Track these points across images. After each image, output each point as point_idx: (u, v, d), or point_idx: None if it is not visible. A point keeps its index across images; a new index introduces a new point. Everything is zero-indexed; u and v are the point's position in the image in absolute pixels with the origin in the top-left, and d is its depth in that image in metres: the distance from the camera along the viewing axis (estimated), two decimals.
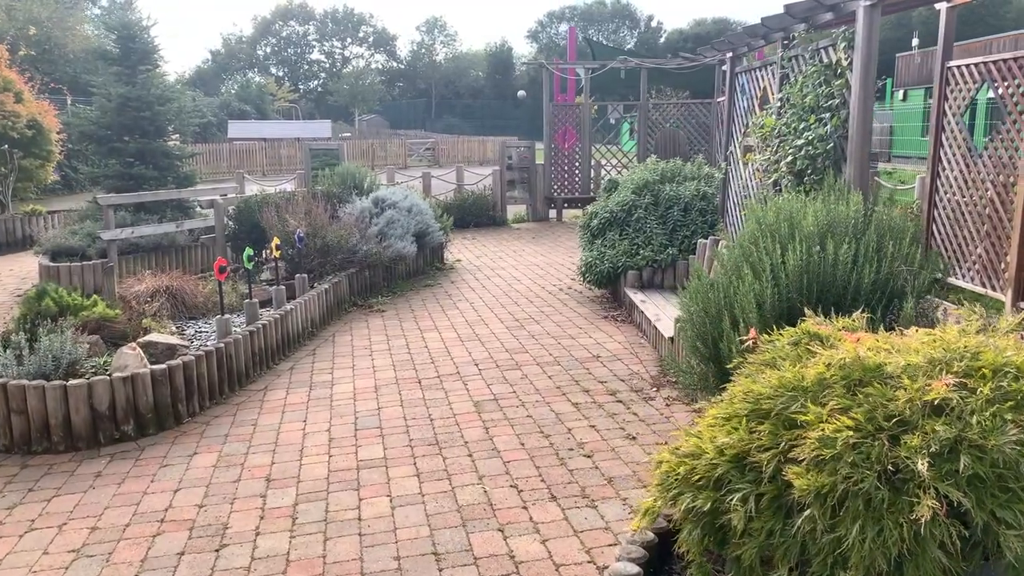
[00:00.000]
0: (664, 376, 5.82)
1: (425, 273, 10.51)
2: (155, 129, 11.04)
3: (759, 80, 7.02)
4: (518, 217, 16.10)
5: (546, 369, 6.13)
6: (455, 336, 7.25)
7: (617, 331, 7.21)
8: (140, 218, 10.55)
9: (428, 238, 10.42)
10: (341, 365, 6.46)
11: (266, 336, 6.42)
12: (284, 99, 60.83)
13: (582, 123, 15.77)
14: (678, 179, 8.66)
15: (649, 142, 15.80)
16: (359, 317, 8.16)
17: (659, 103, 15.97)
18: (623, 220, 8.23)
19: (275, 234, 8.47)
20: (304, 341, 7.21)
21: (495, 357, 6.51)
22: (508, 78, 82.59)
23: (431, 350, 6.81)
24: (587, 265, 8.15)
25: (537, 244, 12.92)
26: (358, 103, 65.10)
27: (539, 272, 10.37)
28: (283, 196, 9.41)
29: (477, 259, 11.67)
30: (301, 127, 43.23)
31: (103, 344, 6.00)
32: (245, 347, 6.06)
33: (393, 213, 9.84)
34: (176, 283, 7.43)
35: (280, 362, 6.61)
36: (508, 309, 8.27)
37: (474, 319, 7.89)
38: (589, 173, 16.00)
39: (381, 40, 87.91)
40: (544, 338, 7.05)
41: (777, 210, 4.37)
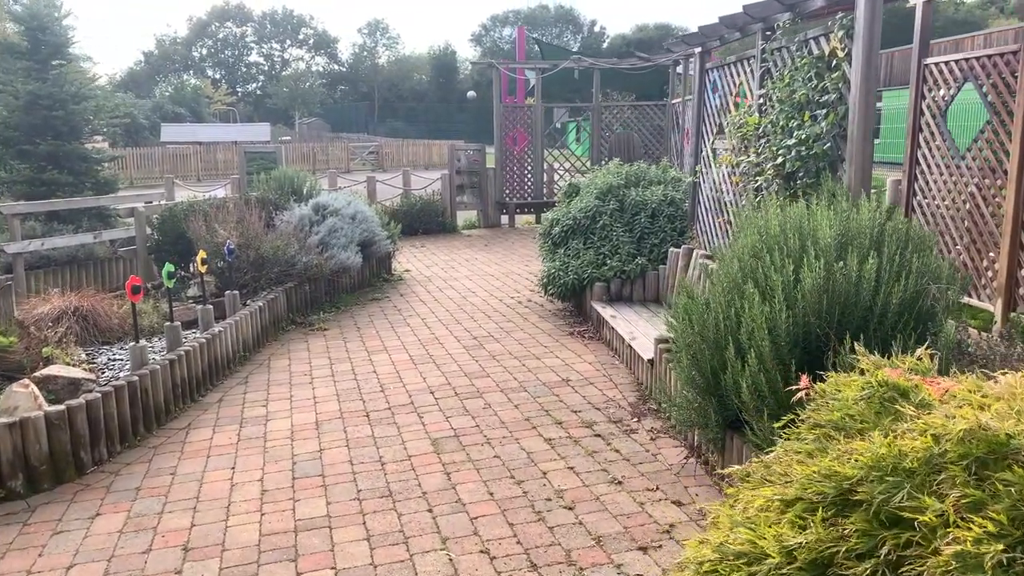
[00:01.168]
0: (644, 403, 5.22)
1: (372, 285, 9.76)
2: (69, 130, 10.03)
3: (734, 76, 6.51)
4: (469, 223, 15.42)
5: (511, 396, 5.47)
6: (407, 358, 6.54)
7: (585, 349, 6.60)
8: (53, 228, 9.54)
9: (374, 247, 9.66)
10: (277, 396, 5.69)
11: (190, 364, 5.61)
12: (221, 102, 58.95)
13: (534, 125, 15.19)
14: (643, 183, 8.12)
15: (602, 145, 15.32)
16: (298, 337, 7.37)
17: (612, 105, 15.50)
18: (587, 228, 7.63)
19: (202, 246, 7.63)
20: (235, 367, 6.40)
21: (453, 383, 5.83)
22: (452, 81, 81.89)
23: (380, 376, 6.09)
24: (549, 277, 7.53)
25: (490, 252, 12.26)
26: (298, 106, 63.57)
27: (495, 283, 9.71)
28: (213, 203, 8.55)
29: (427, 269, 10.95)
30: (239, 130, 41.73)
31: None
32: (164, 379, 5.25)
33: (335, 221, 9.06)
34: (87, 303, 6.54)
35: (207, 393, 5.80)
36: (464, 325, 7.59)
37: (427, 338, 7.19)
38: (542, 177, 15.42)
39: (322, 42, 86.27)
40: (506, 359, 6.39)
41: (783, 219, 3.80)
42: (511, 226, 15.24)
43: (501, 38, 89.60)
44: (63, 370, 5.01)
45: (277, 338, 7.36)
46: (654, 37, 68.48)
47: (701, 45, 7.18)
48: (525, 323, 7.60)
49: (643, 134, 15.14)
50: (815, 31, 5.02)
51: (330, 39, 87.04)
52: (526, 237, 13.73)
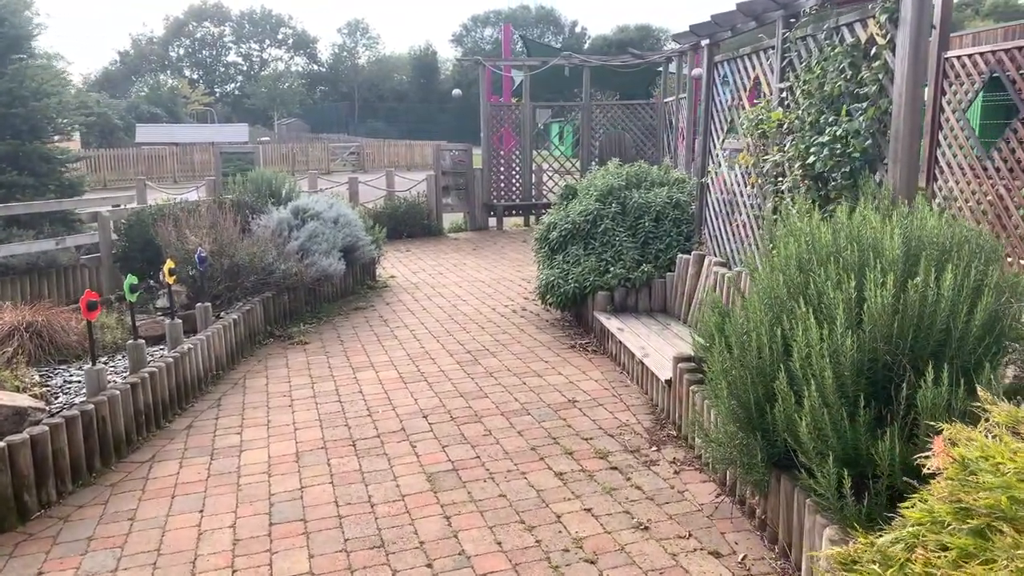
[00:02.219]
0: (661, 428, 4.72)
1: (355, 293, 9.19)
2: (30, 128, 9.37)
3: (747, 68, 6.03)
4: (455, 226, 14.88)
5: (514, 421, 4.94)
6: (396, 376, 6.00)
7: (590, 365, 6.09)
8: (12, 234, 8.88)
9: (358, 253, 9.10)
10: (253, 421, 5.13)
11: (155, 387, 5.04)
12: (199, 102, 57.90)
13: (522, 125, 14.67)
14: (645, 185, 7.63)
15: (592, 145, 14.84)
16: (277, 352, 6.80)
17: (602, 104, 15.02)
18: (587, 232, 7.13)
19: (172, 253, 7.04)
20: (207, 387, 5.83)
21: (448, 405, 5.29)
22: (433, 81, 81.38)
23: (367, 397, 5.54)
24: (548, 285, 7.01)
25: (479, 257, 11.73)
26: (277, 106, 62.68)
27: (486, 290, 9.19)
28: (184, 207, 7.95)
29: (414, 275, 10.40)
30: (216, 131, 40.83)
31: None
32: (125, 405, 4.67)
33: (316, 225, 8.49)
34: (42, 317, 5.94)
35: (175, 419, 5.22)
36: (457, 338, 7.06)
37: (417, 352, 6.65)
38: (530, 178, 14.91)
39: (301, 42, 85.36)
40: (505, 376, 5.87)
41: (835, 227, 3.31)
42: (499, 229, 14.71)
43: (482, 38, 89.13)
44: (7, 397, 4.42)
45: (254, 353, 6.79)
46: (635, 38, 68.25)
47: (710, 36, 6.69)
48: (522, 335, 7.08)
49: (634, 134, 14.67)
50: (849, 16, 4.55)
51: (309, 39, 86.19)
52: (515, 241, 13.21)
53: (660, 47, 14.05)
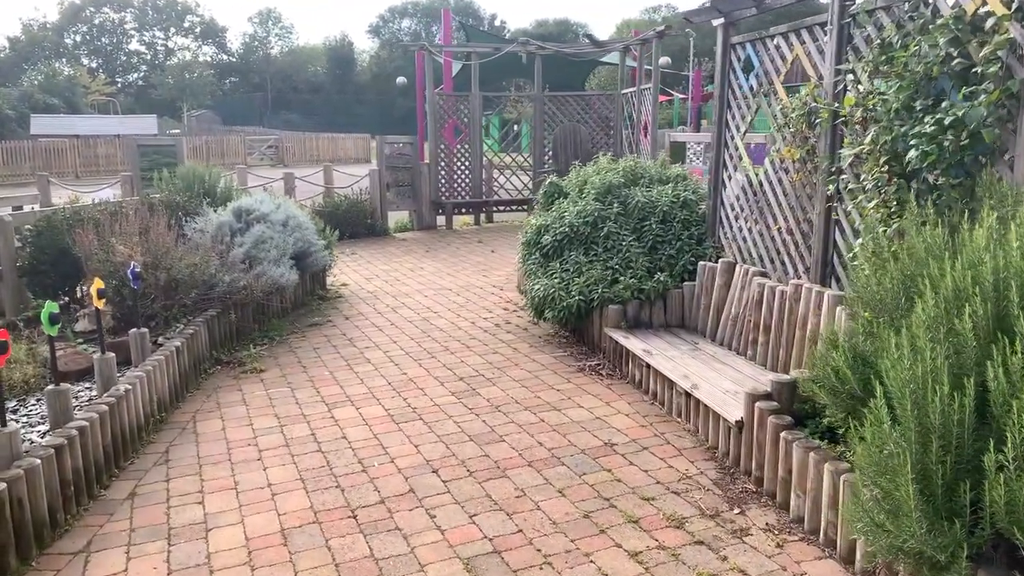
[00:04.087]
0: (733, 481, 3.91)
1: (306, 305, 8.09)
2: None
3: (783, 49, 5.29)
4: (400, 225, 13.80)
5: (548, 475, 4.04)
6: (382, 414, 5.00)
7: (610, 393, 5.24)
8: None
9: (310, 259, 7.99)
10: (216, 484, 4.06)
11: (85, 448, 3.90)
12: (100, 92, 54.29)
13: (471, 117, 13.71)
14: (643, 182, 6.84)
15: (545, 138, 14.02)
16: (228, 384, 5.69)
17: (557, 95, 14.20)
18: (588, 236, 6.28)
19: (95, 267, 5.83)
20: (149, 435, 4.70)
21: (459, 454, 4.34)
22: (350, 73, 79.29)
23: (354, 444, 4.53)
24: (546, 298, 6.11)
25: (435, 260, 10.73)
26: (187, 97, 59.45)
27: (456, 299, 8.23)
28: (105, 209, 6.67)
29: (368, 282, 9.34)
30: (121, 123, 38.11)
31: None
32: (48, 477, 3.54)
33: (263, 229, 7.35)
34: None
35: (111, 483, 4.10)
36: (441, 360, 6.10)
37: (399, 380, 5.66)
38: (480, 174, 13.97)
39: (209, 31, 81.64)
40: (515, 411, 4.96)
41: None
42: (448, 228, 13.72)
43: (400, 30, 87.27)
44: None
45: (200, 386, 5.65)
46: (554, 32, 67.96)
47: (726, 15, 5.93)
48: (516, 354, 6.18)
49: (590, 127, 13.93)
50: None
51: (218, 28, 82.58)
52: (470, 241, 12.27)
53: (577, 42, 13.51)
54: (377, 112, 68.89)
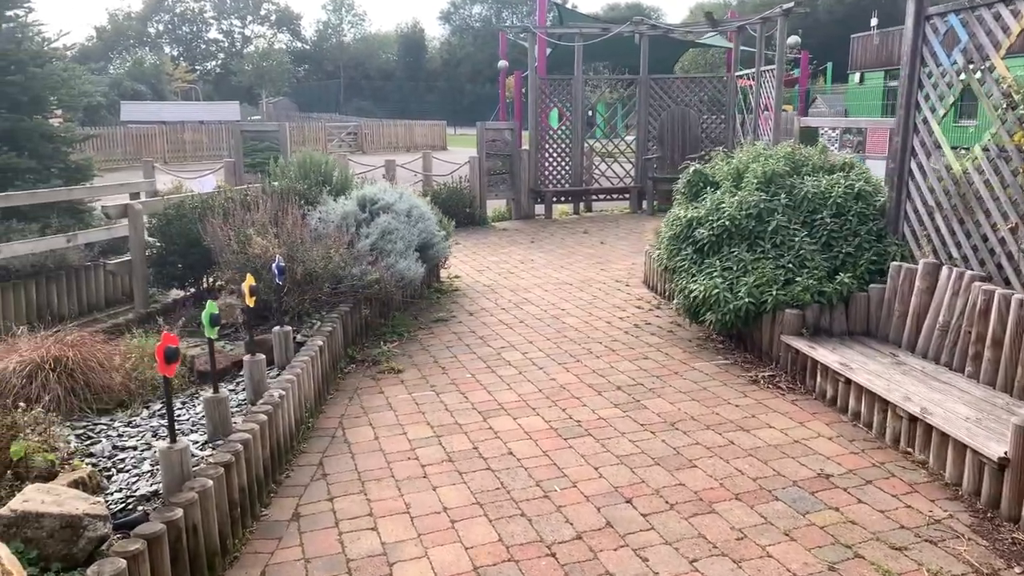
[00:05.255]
0: (995, 528, 3.31)
1: (425, 299, 7.71)
2: (30, 100, 7.75)
3: (997, 19, 4.59)
4: (497, 214, 13.37)
5: (764, 511, 3.52)
6: (544, 426, 4.55)
7: (798, 410, 4.67)
8: (11, 228, 7.30)
9: (432, 251, 7.60)
10: (385, 506, 3.66)
11: (249, 464, 3.56)
12: (182, 79, 55.56)
13: (574, 102, 13.16)
14: (805, 170, 6.21)
15: (651, 124, 13.37)
16: (367, 385, 5.33)
17: (664, 78, 13.53)
18: (752, 230, 5.69)
19: (228, 259, 5.53)
20: (299, 445, 4.36)
21: (649, 480, 3.85)
22: (420, 59, 79.46)
23: (524, 462, 4.09)
24: (709, 299, 5.55)
25: (543, 251, 10.26)
26: (265, 84, 60.42)
27: (580, 295, 7.73)
28: (233, 198, 6.38)
29: (479, 274, 8.93)
30: (205, 109, 38.89)
31: None
32: (218, 499, 3.19)
33: (388, 219, 6.98)
34: (72, 351, 4.40)
35: (272, 499, 3.75)
36: (588, 364, 5.62)
37: (549, 386, 5.20)
38: (581, 161, 13.42)
39: (284, 19, 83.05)
40: (695, 429, 4.44)
41: None
42: (547, 217, 13.21)
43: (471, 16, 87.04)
44: (50, 500, 2.92)
45: (339, 387, 5.31)
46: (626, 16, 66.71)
47: None
48: (670, 360, 5.65)
49: (699, 111, 13.21)
50: None
51: (293, 16, 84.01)
52: (573, 232, 11.74)
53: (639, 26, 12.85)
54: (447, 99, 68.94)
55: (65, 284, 7.21)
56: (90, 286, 7.49)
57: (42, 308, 7.00)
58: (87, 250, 7.61)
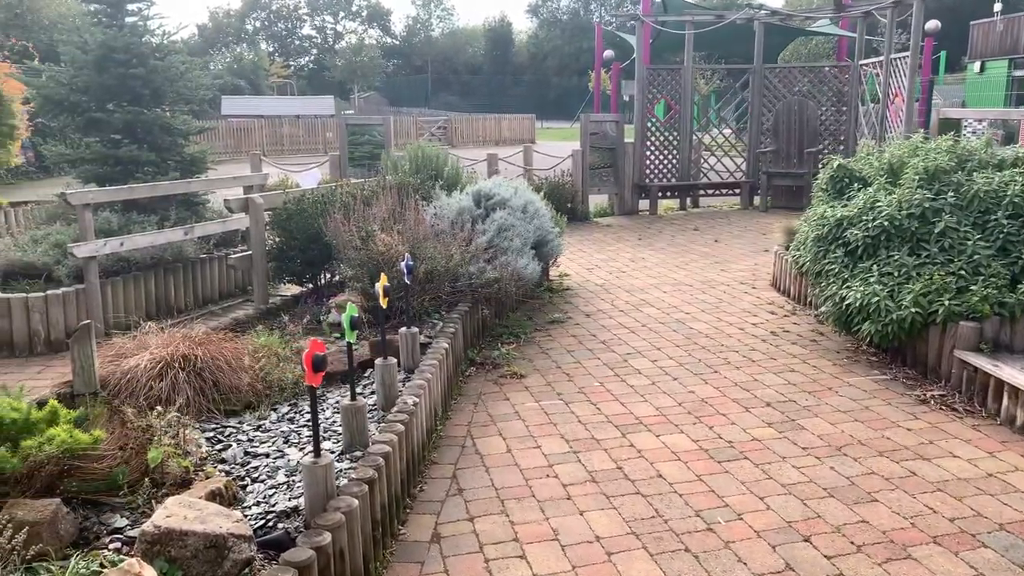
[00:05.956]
0: None
1: (537, 298, 7.40)
2: (151, 93, 7.81)
3: None
4: (600, 210, 12.96)
5: (972, 561, 3.03)
6: (691, 445, 4.15)
7: (982, 436, 4.13)
8: (131, 220, 7.37)
9: (546, 249, 7.29)
10: (531, 530, 3.36)
11: (390, 479, 3.31)
12: (277, 75, 57.10)
13: (682, 92, 12.61)
14: (969, 166, 5.58)
15: (764, 116, 12.68)
16: (491, 391, 5.05)
17: (780, 67, 12.82)
18: (914, 232, 5.14)
19: (350, 255, 5.35)
20: (430, 455, 4.11)
21: (824, 514, 3.41)
22: (507, 53, 79.40)
23: (675, 485, 3.71)
24: (866, 307, 5.02)
25: (653, 249, 9.80)
26: (357, 79, 61.53)
27: (704, 298, 7.27)
28: (352, 193, 6.21)
29: (589, 273, 8.57)
30: (302, 103, 39.82)
31: (64, 520, 2.87)
32: (363, 520, 2.95)
33: (504, 215, 6.70)
34: (200, 349, 4.27)
35: (408, 516, 3.50)
36: (728, 376, 5.18)
37: (689, 400, 4.80)
38: (689, 155, 12.86)
39: (375, 14, 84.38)
40: (866, 456, 3.96)
41: None
42: (652, 213, 12.72)
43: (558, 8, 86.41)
44: (192, 516, 2.72)
45: (461, 391, 5.06)
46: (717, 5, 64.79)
47: None
48: (819, 374, 5.16)
49: (818, 102, 12.45)
50: None
51: (383, 11, 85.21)
52: (682, 229, 11.22)
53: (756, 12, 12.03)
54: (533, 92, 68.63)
55: (182, 276, 7.22)
56: (205, 279, 7.50)
57: (160, 300, 7.03)
58: (201, 243, 7.63)
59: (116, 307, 6.57)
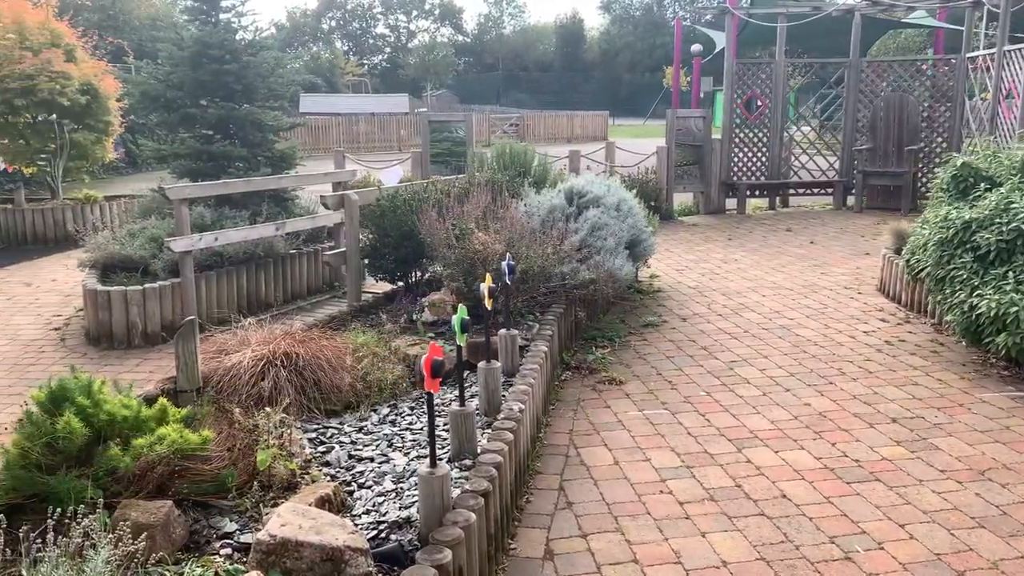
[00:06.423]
0: None
1: (627, 300, 7.15)
2: (243, 89, 7.87)
3: None
4: (684, 208, 12.58)
5: None
6: (814, 463, 3.86)
7: None
8: (223, 215, 7.44)
9: (639, 248, 7.03)
10: (651, 552, 3.14)
11: (502, 492, 3.14)
12: (352, 73, 58.05)
13: (774, 86, 12.13)
14: None
15: (859, 113, 12.09)
16: (590, 397, 4.84)
17: (880, 61, 12.22)
18: None
19: (444, 254, 5.22)
20: (533, 465, 3.93)
21: (977, 547, 3.09)
22: (578, 50, 78.85)
23: (802, 507, 3.44)
24: (1002, 318, 4.62)
25: (745, 250, 9.42)
26: (430, 77, 62.08)
27: (807, 303, 6.90)
28: (447, 190, 6.09)
29: (679, 274, 8.28)
30: (376, 101, 40.29)
31: (176, 523, 2.80)
32: (479, 536, 2.79)
33: (599, 214, 6.47)
34: (301, 347, 4.19)
35: (517, 529, 3.33)
36: (845, 388, 4.85)
37: (805, 413, 4.50)
38: (780, 152, 12.37)
39: (447, 12, 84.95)
40: (1014, 481, 3.61)
41: None
42: (740, 212, 12.28)
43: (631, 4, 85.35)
44: (307, 526, 2.60)
45: (559, 396, 4.87)
46: None
47: None
48: (946, 388, 4.77)
49: (920, 98, 11.80)
50: None
51: (455, 9, 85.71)
52: (773, 229, 10.78)
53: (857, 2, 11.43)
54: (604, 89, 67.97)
55: (272, 272, 7.24)
56: (294, 274, 7.51)
57: (251, 295, 7.06)
58: (290, 239, 7.64)
59: (209, 301, 6.62)
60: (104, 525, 2.52)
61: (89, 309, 6.29)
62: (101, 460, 2.93)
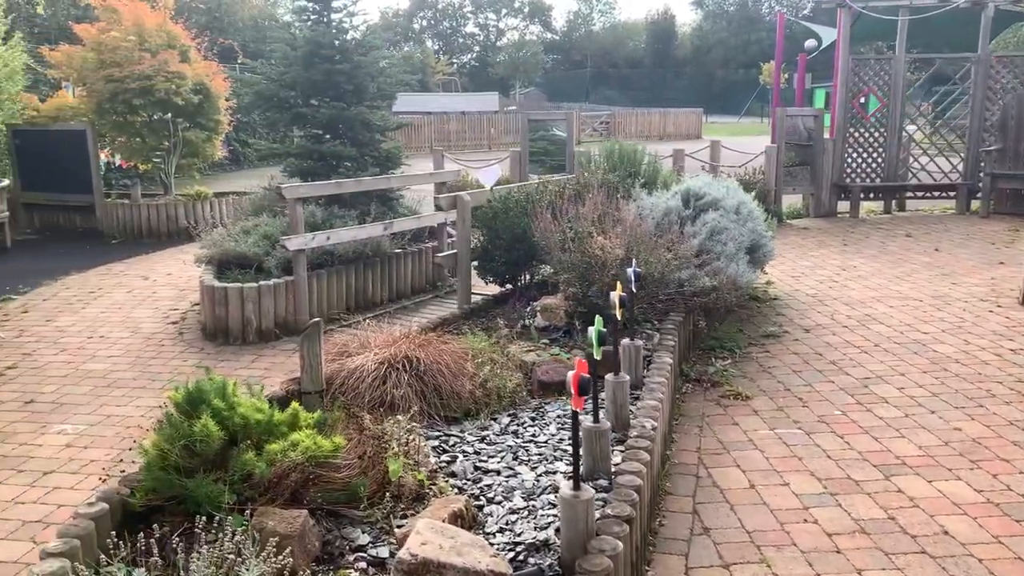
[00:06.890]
0: None
1: (744, 307, 6.79)
2: (354, 89, 7.91)
3: None
4: (793, 211, 12.04)
5: None
6: (974, 497, 3.52)
7: None
8: (333, 214, 7.50)
9: (758, 254, 6.69)
10: None
11: (641, 517, 2.96)
12: (442, 72, 58.71)
13: (892, 83, 11.47)
14: None
15: (988, 110, 11.29)
16: (715, 412, 4.60)
17: (1013, 56, 11.39)
18: None
19: (559, 257, 5.06)
20: (663, 485, 3.72)
21: None
22: (669, 47, 77.43)
23: (968, 546, 3.13)
24: None
25: (863, 256, 8.90)
26: (519, 75, 62.19)
27: (940, 316, 6.42)
28: (560, 191, 5.94)
29: (795, 281, 7.87)
30: (467, 100, 40.63)
31: (311, 533, 2.73)
32: (625, 562, 2.62)
33: (717, 217, 6.18)
34: (421, 351, 4.11)
35: (652, 555, 3.14)
36: (997, 412, 4.44)
37: (955, 438, 4.13)
38: (897, 153, 11.69)
39: (536, 10, 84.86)
40: None
41: None
42: (854, 216, 11.65)
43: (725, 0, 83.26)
44: (447, 544, 2.48)
45: (681, 410, 4.64)
46: None
47: None
48: None
49: None
50: None
51: (544, 7, 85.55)
52: (892, 235, 10.17)
53: None
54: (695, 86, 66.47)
55: (379, 271, 7.25)
56: (399, 273, 7.51)
57: (359, 293, 7.09)
58: (396, 238, 7.64)
59: (320, 299, 6.68)
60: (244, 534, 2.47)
61: (206, 304, 6.42)
62: (236, 464, 2.90)
